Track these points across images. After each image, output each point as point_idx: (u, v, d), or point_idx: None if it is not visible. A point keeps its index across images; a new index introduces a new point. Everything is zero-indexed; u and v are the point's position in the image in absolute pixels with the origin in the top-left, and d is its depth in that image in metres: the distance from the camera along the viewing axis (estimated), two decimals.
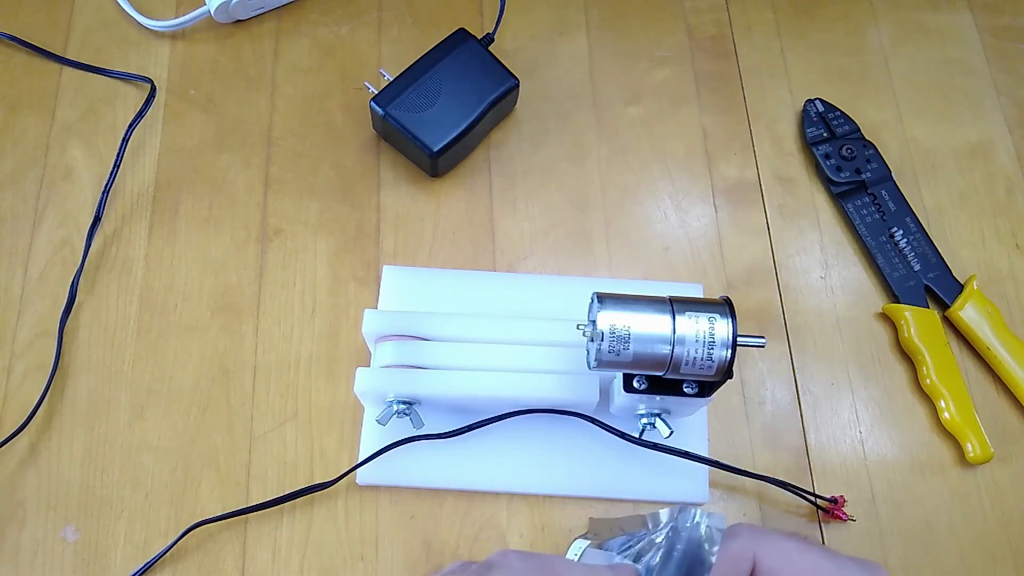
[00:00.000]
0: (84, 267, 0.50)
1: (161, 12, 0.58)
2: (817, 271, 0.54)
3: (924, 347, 0.50)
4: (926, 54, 0.61)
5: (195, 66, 0.57)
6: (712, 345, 0.38)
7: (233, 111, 0.56)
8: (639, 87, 0.58)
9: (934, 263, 0.53)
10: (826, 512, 0.47)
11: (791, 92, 0.59)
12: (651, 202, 0.55)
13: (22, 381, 0.48)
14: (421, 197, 0.54)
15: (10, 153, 0.54)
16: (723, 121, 0.58)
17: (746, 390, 0.51)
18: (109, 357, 0.49)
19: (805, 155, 0.57)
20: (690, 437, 0.47)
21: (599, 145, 0.57)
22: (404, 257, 0.53)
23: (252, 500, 0.46)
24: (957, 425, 0.49)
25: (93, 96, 0.56)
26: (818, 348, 0.52)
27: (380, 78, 0.54)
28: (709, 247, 0.54)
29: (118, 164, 0.52)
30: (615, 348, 0.38)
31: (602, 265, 0.53)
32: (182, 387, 0.49)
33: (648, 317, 0.38)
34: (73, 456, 0.47)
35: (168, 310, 0.51)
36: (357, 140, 0.56)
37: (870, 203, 0.55)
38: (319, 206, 0.54)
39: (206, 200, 0.53)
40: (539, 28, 0.60)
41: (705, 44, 0.60)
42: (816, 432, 0.50)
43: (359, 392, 0.44)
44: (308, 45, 0.58)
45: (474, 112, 0.52)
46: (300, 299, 0.51)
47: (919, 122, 0.58)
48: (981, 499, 0.49)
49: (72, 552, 0.45)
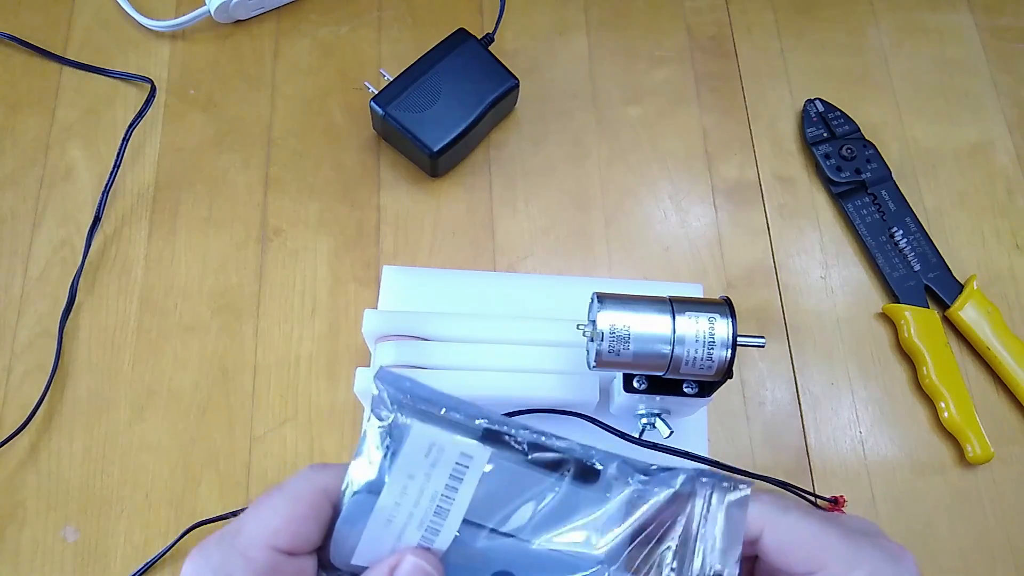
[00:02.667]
0: (84, 267, 0.50)
1: (161, 12, 0.58)
2: (817, 271, 0.54)
3: (924, 347, 0.50)
4: (926, 54, 0.61)
5: (195, 66, 0.57)
6: (712, 345, 0.38)
7: (233, 111, 0.56)
8: (639, 87, 0.58)
9: (934, 263, 0.53)
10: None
11: (791, 92, 0.59)
12: (651, 202, 0.55)
13: (22, 381, 0.48)
14: (421, 197, 0.54)
15: (10, 153, 0.54)
16: (723, 121, 0.58)
17: (746, 390, 0.50)
18: (109, 357, 0.49)
19: (805, 155, 0.57)
20: (690, 437, 0.47)
21: (599, 145, 0.57)
22: (404, 257, 0.53)
23: (252, 500, 0.46)
24: (957, 425, 0.49)
25: (93, 96, 0.56)
26: (818, 348, 0.52)
27: (380, 78, 0.54)
28: (709, 247, 0.54)
29: (118, 164, 0.52)
30: (615, 348, 0.38)
31: (602, 265, 0.53)
32: (182, 387, 0.49)
33: (648, 317, 0.38)
34: (73, 456, 0.47)
35: (168, 310, 0.51)
36: (357, 140, 0.56)
37: (870, 203, 0.55)
38: (319, 206, 0.54)
39: (206, 200, 0.53)
40: (539, 28, 0.60)
41: (705, 44, 0.60)
42: (816, 432, 0.50)
43: (359, 392, 0.44)
44: (308, 45, 0.58)
45: (474, 112, 0.52)
46: (300, 299, 0.51)
47: (919, 122, 0.58)
48: (981, 499, 0.49)
49: (72, 552, 0.45)
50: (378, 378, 0.29)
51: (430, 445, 0.28)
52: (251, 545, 0.28)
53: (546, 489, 0.30)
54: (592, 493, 0.30)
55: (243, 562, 0.28)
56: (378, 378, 0.29)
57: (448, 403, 0.30)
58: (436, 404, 0.30)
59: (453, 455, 0.28)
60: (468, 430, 0.29)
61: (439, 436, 0.29)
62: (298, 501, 0.28)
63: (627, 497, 0.30)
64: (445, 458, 0.28)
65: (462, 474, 0.28)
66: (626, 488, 0.30)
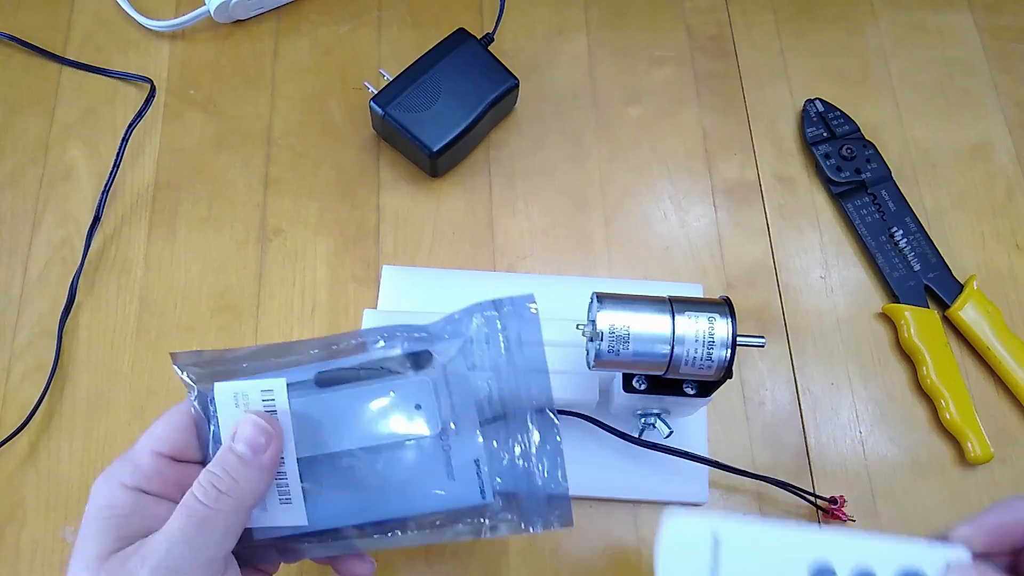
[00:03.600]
0: (84, 267, 0.50)
1: (161, 12, 0.58)
2: (817, 271, 0.54)
3: (924, 347, 0.50)
4: (926, 54, 0.60)
5: (195, 66, 0.57)
6: (712, 345, 0.38)
7: (233, 111, 0.56)
8: (639, 87, 0.58)
9: (934, 263, 0.53)
10: (826, 512, 0.47)
11: (791, 92, 0.59)
12: (651, 202, 0.55)
13: (22, 381, 0.48)
14: (421, 197, 0.54)
15: (10, 153, 0.54)
16: (723, 121, 0.58)
17: (746, 390, 0.50)
18: (108, 357, 0.49)
19: (805, 155, 0.57)
20: (690, 437, 0.47)
21: (599, 145, 0.57)
22: (404, 257, 0.53)
23: None
24: (957, 425, 0.49)
25: (93, 96, 0.56)
26: (818, 348, 0.52)
27: (380, 78, 0.54)
28: (709, 247, 0.54)
29: (118, 164, 0.52)
30: (614, 348, 0.38)
31: (602, 265, 0.53)
32: (182, 387, 0.49)
33: (647, 317, 0.38)
34: (73, 456, 0.47)
35: (167, 310, 0.51)
36: (357, 140, 0.56)
37: (870, 203, 0.55)
38: (319, 206, 0.54)
39: (206, 200, 0.53)
40: (539, 28, 0.60)
41: (705, 44, 0.60)
42: (816, 432, 0.50)
43: None
44: (308, 45, 0.58)
45: (474, 112, 0.52)
46: (300, 299, 0.51)
47: (919, 122, 0.58)
48: (981, 499, 0.49)
49: (72, 552, 0.45)
50: (174, 364, 0.36)
51: (234, 394, 0.34)
52: (140, 453, 0.34)
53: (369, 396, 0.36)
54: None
55: (131, 467, 0.33)
56: (174, 364, 0.36)
57: (244, 356, 0.37)
58: (235, 362, 0.36)
59: (256, 394, 0.34)
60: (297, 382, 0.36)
61: (238, 385, 0.34)
62: (181, 414, 0.35)
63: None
64: (252, 399, 0.34)
65: (272, 405, 0.34)
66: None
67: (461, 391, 0.36)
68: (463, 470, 0.36)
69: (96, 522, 0.32)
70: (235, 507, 0.32)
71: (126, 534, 0.32)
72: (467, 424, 0.36)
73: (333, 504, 0.36)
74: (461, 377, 0.36)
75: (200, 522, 0.31)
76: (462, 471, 0.36)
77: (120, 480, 0.33)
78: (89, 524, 0.32)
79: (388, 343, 0.37)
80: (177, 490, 0.33)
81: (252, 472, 0.33)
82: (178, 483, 0.33)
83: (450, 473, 0.36)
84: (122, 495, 0.33)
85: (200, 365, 0.37)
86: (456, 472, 0.36)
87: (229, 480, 0.32)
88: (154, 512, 0.33)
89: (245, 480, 0.33)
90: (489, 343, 0.37)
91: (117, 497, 0.33)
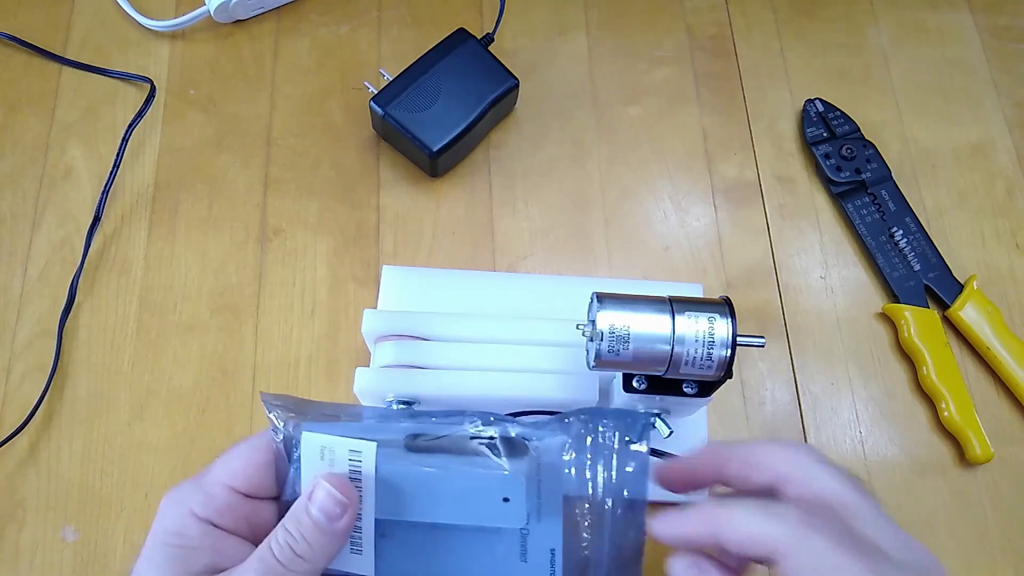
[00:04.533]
0: (84, 267, 0.50)
1: (161, 12, 0.58)
2: (817, 271, 0.54)
3: (924, 347, 0.50)
4: (926, 54, 0.60)
5: (195, 66, 0.57)
6: (712, 345, 0.38)
7: (233, 111, 0.56)
8: (639, 87, 0.58)
9: (934, 263, 0.53)
10: None
11: (791, 92, 0.59)
12: (651, 202, 0.55)
13: (22, 381, 0.48)
14: (421, 197, 0.54)
15: (10, 153, 0.54)
16: (723, 121, 0.58)
17: (746, 390, 0.50)
18: (108, 357, 0.49)
19: (805, 155, 0.57)
20: (690, 437, 0.47)
21: (599, 145, 0.57)
22: (404, 257, 0.53)
23: None
24: (957, 425, 0.49)
25: (93, 96, 0.56)
26: (818, 348, 0.52)
27: (380, 78, 0.54)
28: (709, 247, 0.54)
29: (118, 164, 0.52)
30: (614, 348, 0.38)
31: (602, 265, 0.53)
32: (182, 387, 0.49)
33: (647, 317, 0.38)
34: (73, 456, 0.47)
35: (167, 310, 0.51)
36: (357, 140, 0.56)
37: (870, 203, 0.55)
38: (319, 206, 0.54)
39: (205, 200, 0.53)
40: (539, 28, 0.60)
41: (705, 44, 0.60)
42: (816, 432, 0.50)
43: (358, 392, 0.44)
44: (308, 45, 0.58)
45: (474, 112, 0.52)
46: (300, 299, 0.51)
47: (919, 122, 0.58)
48: (981, 499, 0.49)
49: (72, 552, 0.45)
50: (263, 401, 0.35)
51: (322, 447, 0.33)
52: (213, 483, 0.33)
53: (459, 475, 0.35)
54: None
55: (204, 497, 0.32)
56: (263, 401, 0.35)
57: (345, 412, 0.36)
58: (332, 415, 0.36)
59: (344, 452, 0.33)
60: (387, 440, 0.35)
61: (327, 439, 0.33)
62: (259, 451, 0.34)
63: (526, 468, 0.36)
64: (339, 456, 0.33)
65: (358, 466, 0.34)
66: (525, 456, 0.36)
67: (551, 480, 0.36)
68: (537, 554, 0.36)
69: (163, 548, 0.31)
70: (308, 570, 0.32)
71: (193, 569, 0.31)
72: (551, 510, 0.36)
73: (401, 564, 0.36)
74: (555, 468, 0.36)
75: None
76: (536, 555, 0.36)
77: (191, 507, 0.32)
78: (155, 549, 0.32)
79: (486, 426, 0.36)
80: (246, 526, 0.33)
81: (326, 539, 0.32)
82: (248, 519, 0.33)
83: (523, 556, 0.36)
84: (193, 526, 0.32)
85: (287, 408, 0.36)
86: (530, 556, 0.36)
87: (304, 544, 0.32)
88: (222, 548, 0.32)
89: (319, 545, 0.32)
90: (591, 457, 0.36)
91: (188, 527, 0.32)
